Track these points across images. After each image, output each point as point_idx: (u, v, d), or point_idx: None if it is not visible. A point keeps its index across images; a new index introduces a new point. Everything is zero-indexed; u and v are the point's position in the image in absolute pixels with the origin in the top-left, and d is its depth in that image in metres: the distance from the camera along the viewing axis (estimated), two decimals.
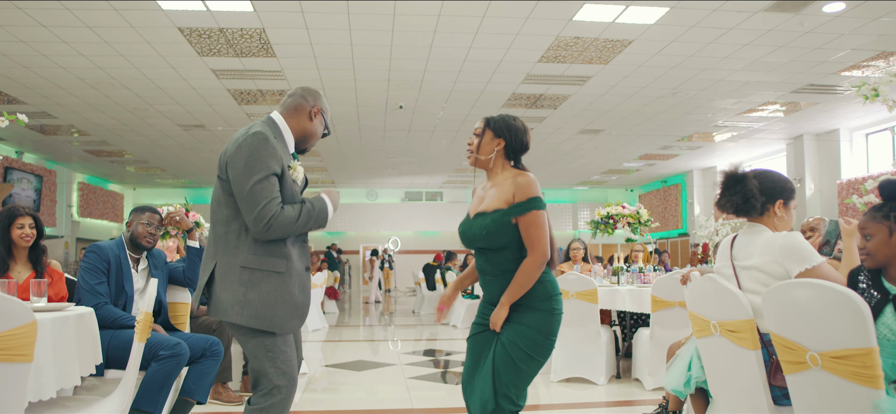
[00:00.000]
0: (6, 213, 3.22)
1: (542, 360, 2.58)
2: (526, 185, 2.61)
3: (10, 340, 1.79)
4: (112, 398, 2.55)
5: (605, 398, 4.86)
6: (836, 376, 1.93)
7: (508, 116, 2.79)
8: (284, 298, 2.50)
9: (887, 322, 2.15)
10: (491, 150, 2.72)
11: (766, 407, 2.34)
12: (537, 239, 2.56)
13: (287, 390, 2.52)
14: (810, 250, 2.47)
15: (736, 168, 2.75)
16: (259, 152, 2.41)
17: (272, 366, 2.49)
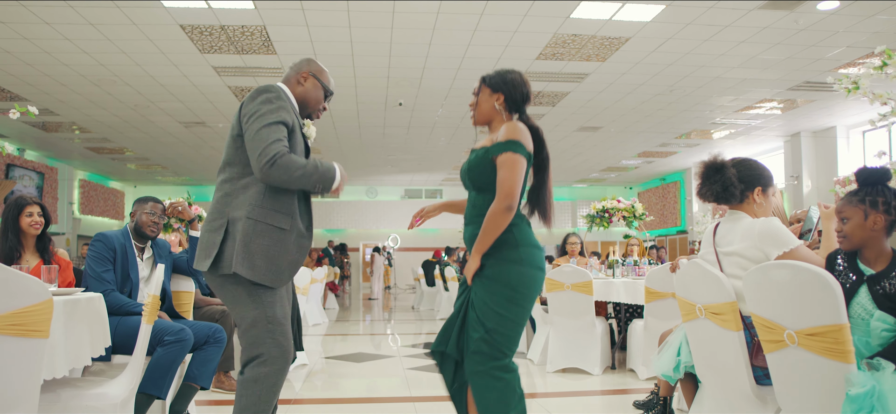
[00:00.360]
0: (14, 202, 3.32)
1: (513, 315, 2.48)
2: (511, 129, 2.55)
3: (27, 315, 1.89)
4: (120, 379, 2.64)
5: (599, 387, 4.96)
6: (811, 353, 2.03)
7: (504, 70, 2.75)
8: (282, 254, 2.53)
9: (861, 302, 2.25)
10: (490, 106, 2.69)
11: (748, 386, 2.44)
12: (505, 181, 2.48)
13: (281, 363, 2.53)
14: (788, 234, 2.57)
15: (715, 158, 2.84)
16: (272, 100, 2.50)
17: (268, 336, 2.50)
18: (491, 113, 2.69)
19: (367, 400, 4.88)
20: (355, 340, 8.71)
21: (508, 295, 2.47)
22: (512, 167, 2.48)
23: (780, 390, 2.24)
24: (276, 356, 2.51)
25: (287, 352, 2.55)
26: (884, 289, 2.22)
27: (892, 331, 2.15)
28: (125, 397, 2.61)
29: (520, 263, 2.50)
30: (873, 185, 2.35)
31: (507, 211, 2.46)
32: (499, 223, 2.46)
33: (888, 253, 2.32)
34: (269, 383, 2.51)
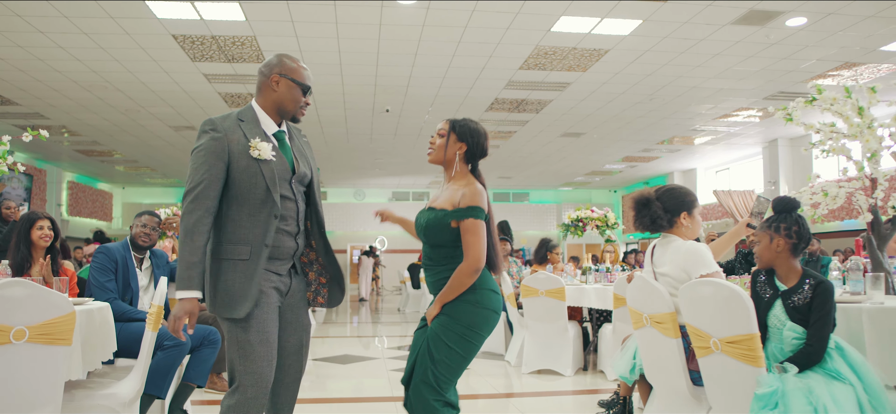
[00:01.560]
0: (26, 217, 3.58)
1: (461, 351, 2.63)
2: (471, 195, 2.68)
3: (54, 326, 2.15)
4: (128, 381, 2.91)
5: (571, 388, 5.25)
6: (732, 358, 2.34)
7: (471, 121, 2.86)
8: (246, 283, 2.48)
9: (776, 314, 2.56)
10: (453, 153, 2.81)
11: (686, 387, 2.75)
12: (472, 246, 2.63)
13: (253, 392, 2.47)
14: (711, 259, 2.91)
15: (641, 194, 3.19)
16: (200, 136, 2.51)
17: (241, 363, 2.46)
18: (452, 159, 2.81)
19: (353, 400, 5.14)
20: (342, 342, 8.96)
21: (461, 332, 2.62)
22: (476, 233, 2.64)
23: (710, 391, 2.56)
24: (248, 385, 2.46)
25: (261, 379, 2.48)
26: (794, 303, 2.52)
27: (800, 339, 2.46)
28: (132, 397, 2.88)
29: (476, 305, 2.65)
30: (781, 212, 2.66)
31: (475, 273, 2.64)
32: (466, 283, 2.63)
33: (798, 271, 2.63)
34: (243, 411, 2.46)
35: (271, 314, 2.55)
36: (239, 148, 2.50)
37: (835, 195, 3.23)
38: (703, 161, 18.42)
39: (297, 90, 2.62)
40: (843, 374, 2.30)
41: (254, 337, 2.48)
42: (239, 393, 2.46)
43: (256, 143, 2.50)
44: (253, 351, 2.47)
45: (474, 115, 12.38)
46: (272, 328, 2.55)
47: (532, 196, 24.62)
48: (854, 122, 3.09)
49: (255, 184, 2.50)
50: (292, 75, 2.61)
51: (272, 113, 2.63)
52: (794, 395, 2.22)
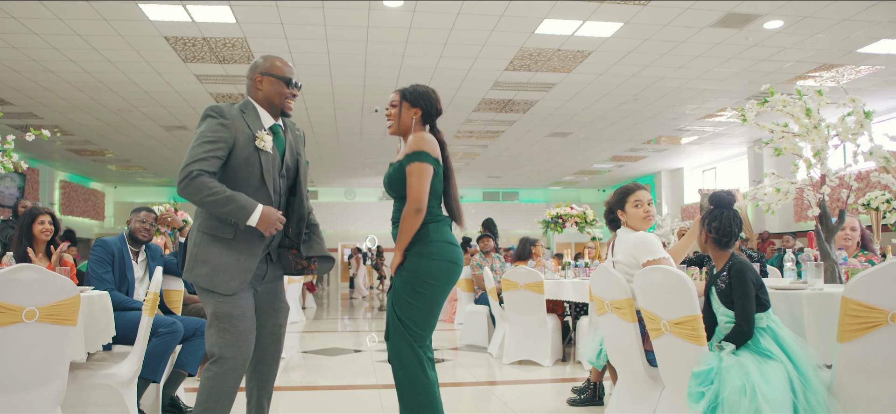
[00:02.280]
0: (28, 212, 3.78)
1: (421, 304, 2.77)
2: (416, 140, 2.84)
3: (62, 308, 2.34)
4: (126, 362, 3.11)
5: (549, 377, 5.46)
6: (679, 338, 2.55)
7: (419, 86, 3.00)
8: (224, 262, 2.62)
9: (714, 298, 2.78)
10: (409, 119, 2.95)
11: (642, 368, 2.97)
12: (413, 187, 2.79)
13: (233, 363, 2.59)
14: (656, 246, 3.18)
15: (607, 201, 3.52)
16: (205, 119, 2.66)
17: (222, 336, 2.59)
18: (409, 125, 2.95)
19: (338, 388, 5.34)
20: (331, 336, 9.14)
21: (419, 287, 2.77)
22: (419, 174, 2.80)
23: (663, 370, 2.78)
24: (227, 357, 2.58)
25: (240, 351, 2.61)
26: (719, 287, 2.75)
27: (731, 321, 2.67)
28: (130, 377, 3.08)
29: (430, 258, 2.79)
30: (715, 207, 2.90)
31: (417, 213, 2.77)
32: (411, 224, 2.78)
33: (726, 256, 2.86)
34: (220, 382, 2.58)
35: (249, 294, 2.71)
36: (243, 137, 2.65)
37: (787, 191, 3.45)
38: (689, 160, 18.69)
39: (279, 84, 2.78)
40: (774, 353, 2.52)
41: (235, 311, 2.62)
42: (219, 363, 2.58)
43: (263, 135, 2.67)
44: (233, 324, 2.60)
45: (462, 115, 12.60)
46: (250, 306, 2.70)
47: (521, 195, 24.85)
48: (803, 123, 3.30)
49: (252, 173, 2.66)
50: (272, 71, 2.79)
51: (266, 107, 2.79)
52: (728, 372, 2.43)
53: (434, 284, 2.79)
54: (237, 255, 2.65)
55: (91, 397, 2.92)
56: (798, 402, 2.40)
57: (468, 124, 13.50)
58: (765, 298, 2.66)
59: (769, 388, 2.37)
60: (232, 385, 2.62)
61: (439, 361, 6.31)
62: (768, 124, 3.46)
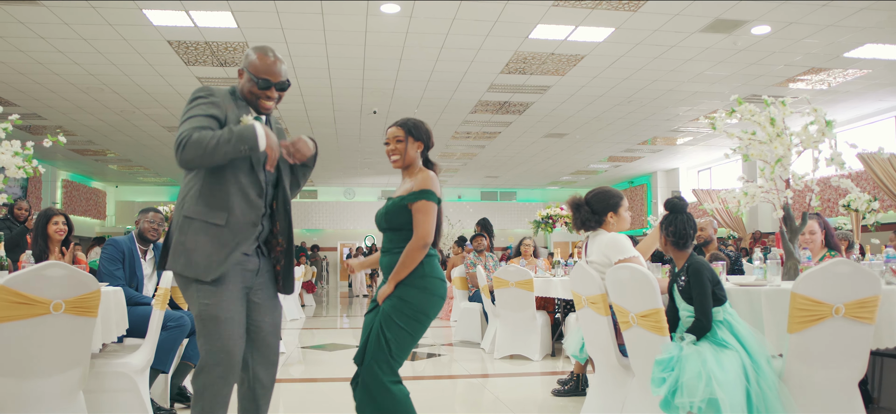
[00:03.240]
0: (43, 213, 4.02)
1: (410, 331, 2.83)
2: (425, 180, 2.91)
3: (85, 301, 2.58)
4: (140, 352, 3.36)
5: (538, 370, 5.71)
6: (645, 330, 2.79)
7: (418, 120, 3.06)
8: (218, 249, 2.54)
9: (676, 297, 3.01)
10: (415, 153, 3.03)
11: (615, 358, 3.21)
12: (421, 224, 2.85)
13: (220, 370, 2.48)
14: (628, 246, 3.39)
15: (573, 198, 3.72)
16: (195, 98, 2.60)
17: (207, 342, 2.50)
18: (414, 159, 3.03)
19: (336, 380, 5.58)
20: (329, 333, 9.38)
21: (412, 314, 2.83)
22: (427, 213, 2.87)
23: (632, 359, 3.03)
24: (212, 363, 2.48)
25: (227, 355, 2.50)
26: (680, 285, 2.99)
27: (692, 315, 2.90)
28: (143, 366, 3.34)
29: (424, 290, 2.86)
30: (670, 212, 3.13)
31: (423, 249, 2.86)
32: (415, 259, 2.84)
33: (684, 256, 3.08)
34: (212, 392, 2.48)
35: (238, 294, 2.60)
36: (232, 118, 2.60)
37: (753, 195, 3.68)
38: (685, 161, 18.92)
39: (252, 83, 2.68)
40: (730, 343, 2.76)
41: (221, 312, 2.51)
42: (205, 373, 2.49)
43: (247, 118, 2.60)
44: (218, 328, 2.50)
45: (460, 116, 12.83)
46: (239, 307, 2.59)
47: (519, 195, 25.08)
48: (768, 131, 3.53)
49: (242, 159, 2.58)
50: (250, 69, 2.70)
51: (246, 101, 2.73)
52: (687, 359, 2.67)
53: (426, 315, 2.88)
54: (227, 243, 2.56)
55: (108, 384, 3.16)
56: (751, 386, 2.64)
57: (465, 125, 13.72)
58: (721, 293, 2.90)
59: (724, 374, 2.61)
60: (224, 393, 2.52)
61: (436, 356, 6.55)
62: (737, 132, 3.67)
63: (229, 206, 2.59)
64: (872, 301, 2.65)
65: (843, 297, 2.63)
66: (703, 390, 2.56)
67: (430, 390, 5.21)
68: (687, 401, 2.58)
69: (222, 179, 2.59)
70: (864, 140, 13.61)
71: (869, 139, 13.47)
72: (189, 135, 2.43)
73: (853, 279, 2.64)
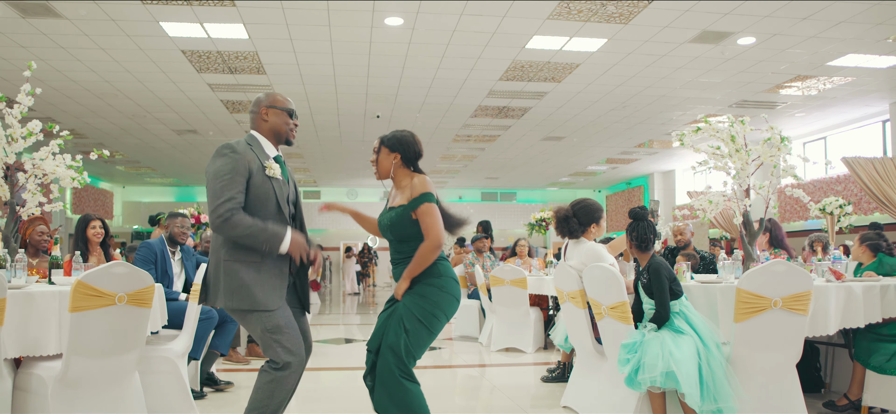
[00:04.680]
0: (82, 219, 4.49)
1: (429, 326, 2.97)
2: (419, 184, 3.04)
3: (142, 294, 3.04)
4: (180, 339, 3.87)
5: (530, 361, 6.18)
6: (614, 319, 3.24)
7: (399, 132, 3.22)
8: (260, 282, 2.81)
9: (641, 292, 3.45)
10: (389, 164, 3.18)
11: (591, 345, 3.67)
12: (431, 226, 2.99)
13: (295, 366, 2.81)
14: (605, 255, 3.87)
15: (559, 209, 4.16)
16: (226, 155, 2.80)
17: (280, 344, 2.80)
18: (389, 169, 3.20)
19: (345, 369, 6.04)
20: (335, 329, 9.82)
21: (429, 309, 2.98)
22: (431, 214, 3.01)
23: (606, 346, 3.48)
24: (287, 361, 2.80)
25: (297, 356, 2.83)
26: (643, 281, 3.43)
27: (653, 308, 3.35)
28: (183, 352, 3.83)
29: (442, 289, 3.02)
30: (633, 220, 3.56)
31: (436, 249, 3.01)
32: (429, 259, 3.00)
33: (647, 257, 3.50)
34: (282, 383, 2.80)
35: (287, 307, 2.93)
36: (256, 167, 2.84)
37: (717, 203, 4.13)
38: (681, 162, 19.33)
39: (284, 115, 2.99)
40: (685, 330, 3.22)
41: (283, 321, 2.84)
42: (285, 369, 2.81)
43: (271, 164, 2.89)
44: (286, 331, 2.83)
45: (460, 120, 13.27)
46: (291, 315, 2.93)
47: (519, 196, 25.51)
48: (729, 146, 3.97)
49: (268, 200, 2.86)
50: (276, 104, 2.99)
51: (270, 139, 3.00)
52: (649, 343, 3.14)
53: (443, 312, 3.04)
54: (269, 275, 2.84)
55: (155, 366, 3.64)
56: (702, 365, 3.10)
57: (466, 129, 14.15)
58: (677, 289, 3.35)
59: (680, 353, 3.07)
60: (292, 386, 2.85)
61: (436, 349, 7.00)
62: (703, 147, 4.11)
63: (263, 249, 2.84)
64: (805, 295, 3.10)
65: (780, 291, 3.08)
66: (661, 365, 3.02)
67: (431, 378, 5.66)
68: (648, 377, 3.04)
69: None
70: (854, 145, 14.05)
71: (858, 144, 13.90)
72: (230, 215, 2.73)
73: (789, 276, 3.10)
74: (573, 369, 4.14)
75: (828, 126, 14.11)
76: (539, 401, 4.63)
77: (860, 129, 13.88)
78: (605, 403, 3.48)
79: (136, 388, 3.24)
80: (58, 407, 2.90)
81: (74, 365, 2.92)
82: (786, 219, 14.95)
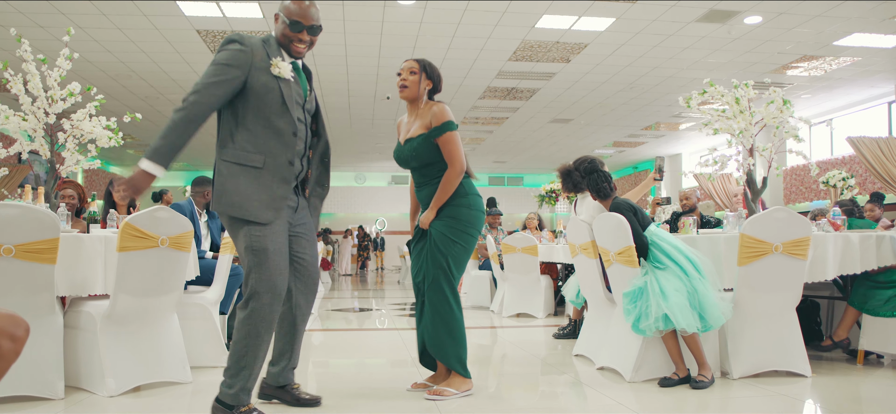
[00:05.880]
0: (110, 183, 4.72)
1: (464, 244, 3.19)
2: (440, 113, 3.16)
3: (182, 238, 3.25)
4: (213, 289, 4.11)
5: (541, 325, 6.40)
6: (622, 265, 3.43)
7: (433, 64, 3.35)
8: (259, 190, 2.68)
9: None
10: (423, 89, 3.30)
11: (602, 293, 3.89)
12: (454, 154, 3.13)
13: (268, 298, 2.64)
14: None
15: (564, 166, 4.37)
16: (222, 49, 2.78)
17: (256, 271, 2.64)
18: (419, 93, 3.29)
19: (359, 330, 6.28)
20: (346, 301, 10.05)
21: (461, 227, 3.17)
22: (454, 142, 3.17)
23: (614, 292, 3.68)
24: (262, 291, 2.63)
25: (275, 285, 2.67)
26: None
27: None
28: (216, 300, 4.07)
29: (468, 207, 3.21)
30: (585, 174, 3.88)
31: (460, 174, 3.15)
32: (454, 184, 3.15)
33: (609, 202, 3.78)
34: (258, 318, 2.64)
35: (282, 228, 2.77)
36: (261, 63, 2.71)
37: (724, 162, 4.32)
38: (687, 146, 19.44)
39: (285, 26, 2.80)
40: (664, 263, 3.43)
41: (270, 245, 2.67)
42: (253, 301, 2.65)
43: (277, 61, 2.74)
44: (268, 259, 2.65)
45: (469, 102, 13.43)
46: (283, 241, 2.76)
47: (526, 180, 25.66)
48: (734, 108, 4.14)
49: (270, 95, 2.71)
50: (285, 13, 2.81)
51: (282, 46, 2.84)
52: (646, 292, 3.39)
53: (474, 228, 3.24)
54: (268, 184, 2.70)
55: (191, 312, 3.87)
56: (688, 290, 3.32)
57: (474, 111, 14.31)
58: (643, 218, 3.63)
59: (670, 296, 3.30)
60: (270, 318, 2.69)
61: None
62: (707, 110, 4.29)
63: (266, 148, 2.71)
64: (805, 241, 3.29)
65: (781, 237, 3.27)
66: (656, 310, 3.26)
67: None
68: (651, 323, 3.27)
69: (256, 122, 2.74)
70: (859, 127, 14.14)
71: (863, 126, 13.99)
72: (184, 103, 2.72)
73: (789, 223, 3.29)
74: (584, 322, 4.34)
75: (833, 108, 14.20)
76: (552, 352, 4.83)
77: (866, 111, 13.96)
78: (615, 346, 3.69)
79: (176, 328, 3.46)
80: (106, 342, 3.12)
81: (121, 302, 3.13)
82: (791, 199, 15.08)
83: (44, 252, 2.89)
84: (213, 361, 3.90)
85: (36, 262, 2.89)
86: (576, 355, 4.36)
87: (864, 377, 3.78)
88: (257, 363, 2.71)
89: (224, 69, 2.71)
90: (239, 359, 2.68)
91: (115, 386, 3.12)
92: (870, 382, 3.69)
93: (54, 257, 2.93)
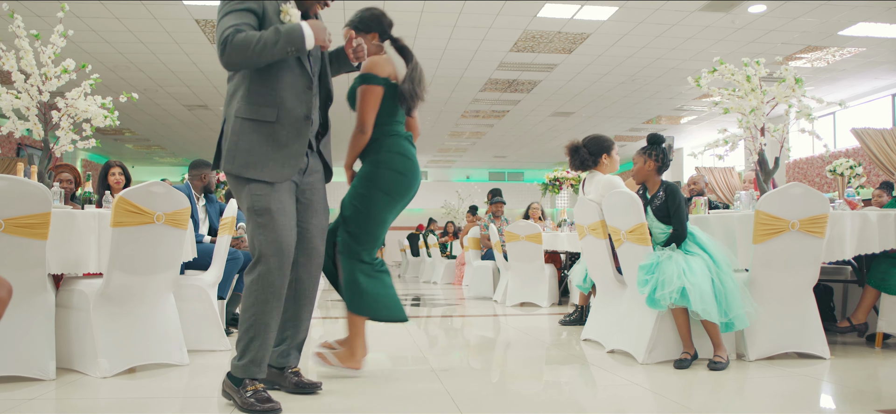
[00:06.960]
0: (103, 167, 4.61)
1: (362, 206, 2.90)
2: (368, 63, 2.98)
3: (179, 215, 3.14)
4: (211, 271, 3.99)
5: (546, 313, 6.33)
6: (633, 243, 3.33)
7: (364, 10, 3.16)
8: (272, 147, 2.53)
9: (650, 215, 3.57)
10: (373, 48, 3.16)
11: (612, 275, 3.79)
12: (358, 110, 2.97)
13: (276, 261, 2.48)
14: (618, 183, 3.96)
15: (572, 142, 4.28)
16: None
17: (262, 234, 2.48)
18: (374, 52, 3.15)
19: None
20: None
21: (361, 189, 2.92)
22: (363, 97, 2.98)
23: (625, 273, 3.58)
24: (270, 254, 2.47)
25: (281, 247, 2.50)
26: (653, 205, 3.55)
27: (665, 232, 3.49)
28: (213, 282, 3.96)
29: (378, 165, 2.95)
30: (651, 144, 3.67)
31: (361, 133, 2.95)
32: (356, 143, 2.97)
33: (658, 182, 3.64)
34: (264, 283, 2.48)
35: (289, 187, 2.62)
36: (272, 10, 2.58)
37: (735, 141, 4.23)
38: (688, 140, 19.34)
39: None
40: (695, 251, 3.38)
41: (275, 206, 2.51)
42: (261, 263, 2.49)
43: (287, 8, 2.59)
44: (274, 220, 2.50)
45: (469, 94, 13.32)
46: (290, 200, 2.61)
47: (527, 175, 25.56)
48: (744, 87, 4.05)
49: None
50: None
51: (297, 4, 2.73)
52: (665, 262, 3.28)
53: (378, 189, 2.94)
54: (284, 140, 2.57)
55: (188, 293, 3.77)
56: (714, 281, 3.20)
57: (475, 104, 14.21)
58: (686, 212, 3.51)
59: (692, 272, 3.20)
60: (278, 284, 2.52)
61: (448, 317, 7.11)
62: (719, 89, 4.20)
63: (279, 100, 2.57)
64: (822, 218, 3.19)
65: (797, 214, 3.18)
66: (676, 282, 3.13)
67: (442, 326, 5.80)
68: (667, 293, 3.14)
69: (269, 75, 2.58)
70: (863, 120, 14.05)
71: (867, 119, 13.90)
72: (232, 35, 2.42)
73: (806, 199, 3.19)
74: (592, 307, 4.25)
75: (837, 100, 14.10)
76: (558, 337, 4.76)
77: (869, 103, 13.87)
78: (626, 327, 3.60)
79: (172, 308, 3.36)
80: (99, 321, 3.01)
81: (115, 280, 3.03)
82: None
83: (35, 227, 2.80)
84: (211, 345, 3.80)
85: (27, 237, 2.79)
86: (584, 340, 4.27)
87: (884, 360, 3.69)
88: (268, 333, 2.53)
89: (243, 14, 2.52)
90: (247, 329, 2.52)
91: (109, 367, 3.02)
92: (890, 364, 3.60)
93: (46, 232, 2.84)
